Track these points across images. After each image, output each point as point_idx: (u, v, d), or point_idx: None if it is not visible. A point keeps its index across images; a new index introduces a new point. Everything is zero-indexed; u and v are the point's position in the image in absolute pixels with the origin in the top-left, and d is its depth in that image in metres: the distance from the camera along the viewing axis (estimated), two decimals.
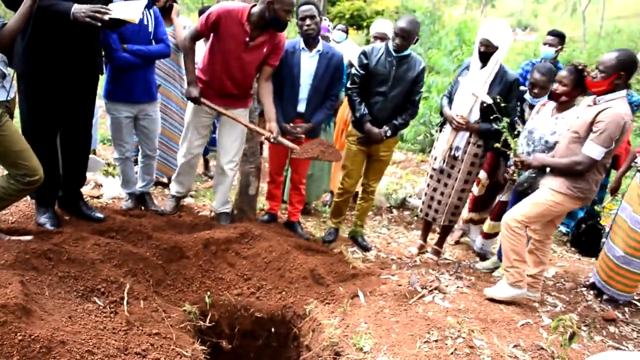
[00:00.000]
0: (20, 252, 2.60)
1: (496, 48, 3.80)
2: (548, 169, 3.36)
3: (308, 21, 3.83)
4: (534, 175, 3.49)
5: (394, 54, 3.94)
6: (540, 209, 3.30)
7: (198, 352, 2.72)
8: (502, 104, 3.68)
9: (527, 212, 3.32)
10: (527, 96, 4.19)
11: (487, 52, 3.83)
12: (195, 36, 3.65)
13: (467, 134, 4.00)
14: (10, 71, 2.72)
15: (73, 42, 3.11)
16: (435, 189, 4.25)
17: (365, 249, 4.44)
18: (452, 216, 4.30)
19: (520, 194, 3.60)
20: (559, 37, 5.06)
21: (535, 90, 3.92)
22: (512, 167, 3.73)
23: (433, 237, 4.76)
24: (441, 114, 4.22)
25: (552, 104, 3.66)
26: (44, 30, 2.90)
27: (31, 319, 2.06)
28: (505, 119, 3.59)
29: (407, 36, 3.85)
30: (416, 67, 4.00)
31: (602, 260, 3.84)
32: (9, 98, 2.68)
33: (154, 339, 2.54)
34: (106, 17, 2.85)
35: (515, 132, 3.73)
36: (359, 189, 4.56)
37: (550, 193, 3.25)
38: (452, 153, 4.07)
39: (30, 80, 3.04)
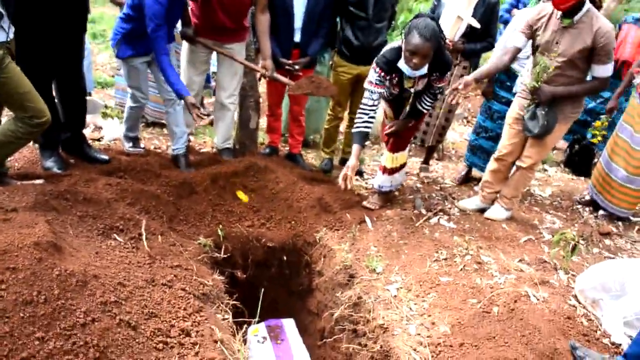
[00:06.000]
0: (38, 194, 2.62)
1: None
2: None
3: None
4: (543, 112, 3.23)
5: None
6: (552, 145, 3.49)
7: (218, 282, 2.83)
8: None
9: (543, 153, 3.47)
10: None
11: None
12: None
13: None
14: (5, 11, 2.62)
15: None
16: None
17: (359, 173, 4.47)
18: (439, 136, 4.52)
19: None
20: None
21: None
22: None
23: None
24: None
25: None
26: None
27: (63, 256, 2.12)
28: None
29: None
30: None
31: (602, 179, 3.95)
32: (8, 39, 2.60)
33: (177, 270, 2.63)
34: None
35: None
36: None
37: (556, 129, 3.29)
38: None
39: (21, 21, 2.96)
